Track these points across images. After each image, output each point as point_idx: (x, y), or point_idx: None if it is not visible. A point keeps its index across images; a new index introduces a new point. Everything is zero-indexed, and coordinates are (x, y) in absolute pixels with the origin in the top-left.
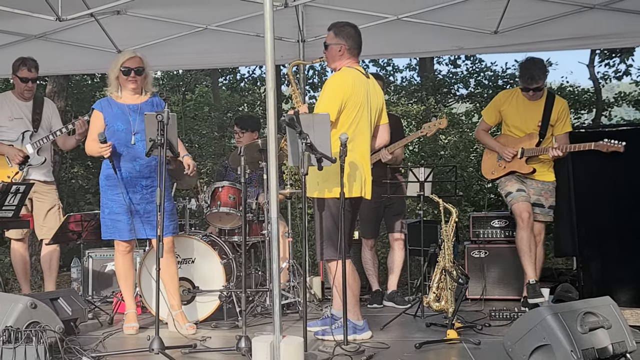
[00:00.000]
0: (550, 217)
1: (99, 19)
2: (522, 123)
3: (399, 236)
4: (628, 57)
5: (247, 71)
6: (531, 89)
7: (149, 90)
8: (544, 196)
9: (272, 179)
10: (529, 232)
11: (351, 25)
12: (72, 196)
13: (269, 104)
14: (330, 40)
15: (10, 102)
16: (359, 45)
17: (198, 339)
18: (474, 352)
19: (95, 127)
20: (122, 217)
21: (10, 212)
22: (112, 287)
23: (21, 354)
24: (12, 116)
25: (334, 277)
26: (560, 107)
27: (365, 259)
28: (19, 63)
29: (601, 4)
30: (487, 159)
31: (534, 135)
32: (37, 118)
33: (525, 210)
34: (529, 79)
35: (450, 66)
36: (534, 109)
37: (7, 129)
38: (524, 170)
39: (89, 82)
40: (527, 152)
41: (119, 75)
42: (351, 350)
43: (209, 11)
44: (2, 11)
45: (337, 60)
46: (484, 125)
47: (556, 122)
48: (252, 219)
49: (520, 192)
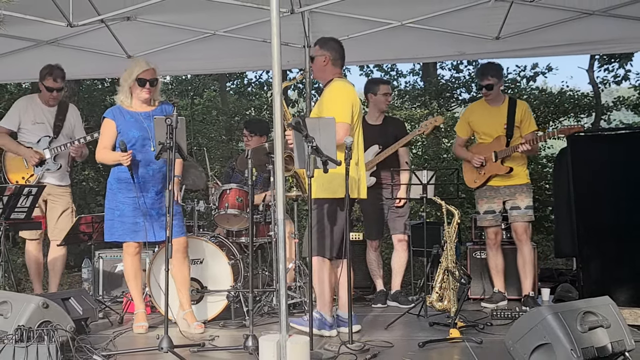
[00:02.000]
0: (530, 216)
1: (109, 24)
2: (490, 128)
3: (402, 237)
4: (627, 62)
5: (254, 76)
6: (483, 86)
7: (157, 98)
8: (519, 198)
9: (278, 181)
10: (495, 250)
11: (334, 39)
12: (82, 198)
13: (275, 108)
14: (316, 52)
15: (35, 106)
16: (342, 57)
17: (206, 338)
18: (476, 351)
19: (108, 136)
20: (134, 219)
21: (22, 214)
22: (122, 287)
23: (33, 353)
24: (34, 120)
25: (311, 275)
26: (522, 108)
27: (369, 259)
28: (46, 72)
29: (600, 11)
30: (467, 169)
31: (502, 138)
32: (59, 124)
33: (492, 232)
34: (480, 74)
35: (452, 71)
36: (497, 114)
37: (29, 132)
38: (501, 172)
39: (100, 86)
40: (500, 154)
41: (132, 85)
42: (356, 349)
43: (217, 17)
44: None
45: (322, 71)
46: (459, 140)
47: (521, 122)
48: (259, 221)
49: (486, 216)
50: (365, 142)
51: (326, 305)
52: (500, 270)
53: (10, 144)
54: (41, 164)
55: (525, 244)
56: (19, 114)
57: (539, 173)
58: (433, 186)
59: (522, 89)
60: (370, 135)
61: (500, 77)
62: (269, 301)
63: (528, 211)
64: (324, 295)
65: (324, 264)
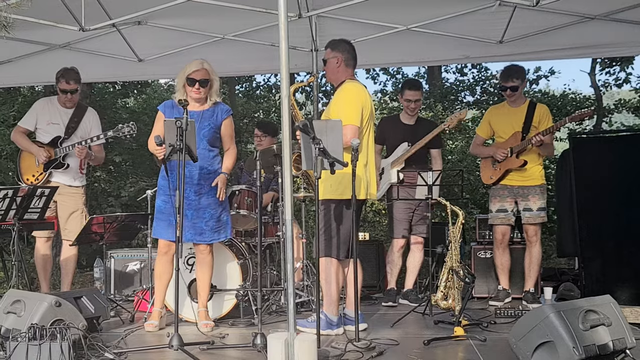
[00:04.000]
0: (542, 218)
1: (121, 29)
2: (508, 126)
3: (420, 239)
4: (627, 66)
5: (262, 79)
6: (508, 87)
7: (214, 98)
8: (532, 200)
9: (286, 182)
10: (501, 250)
11: (345, 41)
12: (94, 199)
13: (283, 111)
14: (328, 55)
15: (52, 107)
16: (354, 57)
17: (216, 336)
18: (480, 349)
19: (157, 127)
20: (168, 217)
21: (35, 214)
22: (133, 286)
23: (46, 351)
24: (50, 120)
25: (320, 275)
26: (541, 110)
27: (390, 258)
28: (59, 75)
29: (601, 15)
30: (484, 167)
31: (518, 134)
32: (72, 126)
33: (500, 232)
34: (505, 76)
35: (457, 74)
36: (517, 114)
37: (44, 132)
38: (516, 165)
39: (111, 89)
40: (515, 148)
41: (185, 84)
42: (362, 347)
43: (226, 22)
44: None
45: (335, 72)
46: (478, 139)
47: (539, 123)
48: (268, 221)
49: (498, 214)
50: (397, 141)
51: (332, 305)
52: (506, 269)
53: (23, 141)
54: (51, 163)
55: (535, 245)
56: (36, 114)
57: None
58: (438, 187)
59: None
60: (402, 134)
61: (523, 79)
62: (277, 300)
63: (540, 213)
64: (330, 295)
65: (331, 264)
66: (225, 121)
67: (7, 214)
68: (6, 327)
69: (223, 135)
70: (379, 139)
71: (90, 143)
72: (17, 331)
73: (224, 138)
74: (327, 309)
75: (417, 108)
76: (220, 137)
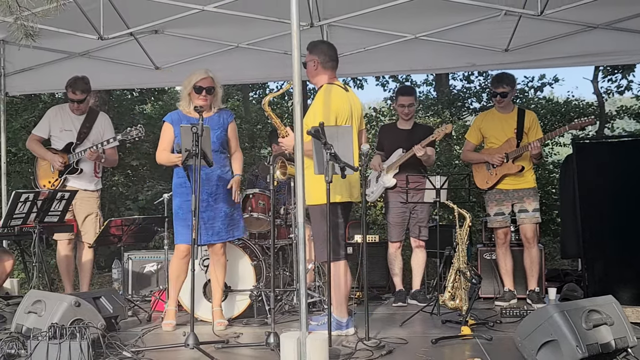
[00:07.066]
0: (537, 218)
1: (138, 37)
2: (500, 132)
3: (420, 242)
4: (629, 73)
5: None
6: (498, 94)
7: (217, 106)
8: (527, 202)
9: (299, 186)
10: (504, 250)
11: (323, 42)
12: (113, 202)
13: (295, 117)
14: (306, 58)
15: (64, 114)
16: (332, 58)
17: (230, 335)
18: (486, 347)
19: (165, 138)
20: (186, 222)
21: (55, 217)
22: (150, 287)
23: (66, 349)
24: (62, 127)
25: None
26: (531, 117)
27: (389, 259)
28: (68, 85)
29: (604, 24)
30: (478, 172)
31: (512, 140)
32: (84, 131)
33: (502, 232)
34: (495, 82)
35: (464, 81)
36: (508, 120)
37: (57, 139)
38: (514, 170)
39: (129, 96)
40: (511, 154)
41: (191, 92)
42: (372, 346)
43: (240, 31)
44: (50, 31)
45: (314, 75)
46: (468, 145)
47: (529, 130)
48: (281, 224)
49: (496, 217)
50: (394, 146)
51: (340, 306)
52: (510, 270)
53: (38, 149)
54: (65, 168)
55: (533, 245)
56: (48, 122)
57: (545, 178)
58: (446, 191)
59: (530, 98)
60: (397, 140)
61: (513, 86)
62: (289, 300)
63: (535, 214)
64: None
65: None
66: (231, 124)
67: (28, 217)
68: (27, 327)
69: (230, 138)
70: (379, 145)
71: (101, 147)
72: (37, 330)
73: (231, 141)
74: (335, 310)
75: (411, 113)
76: (228, 140)
